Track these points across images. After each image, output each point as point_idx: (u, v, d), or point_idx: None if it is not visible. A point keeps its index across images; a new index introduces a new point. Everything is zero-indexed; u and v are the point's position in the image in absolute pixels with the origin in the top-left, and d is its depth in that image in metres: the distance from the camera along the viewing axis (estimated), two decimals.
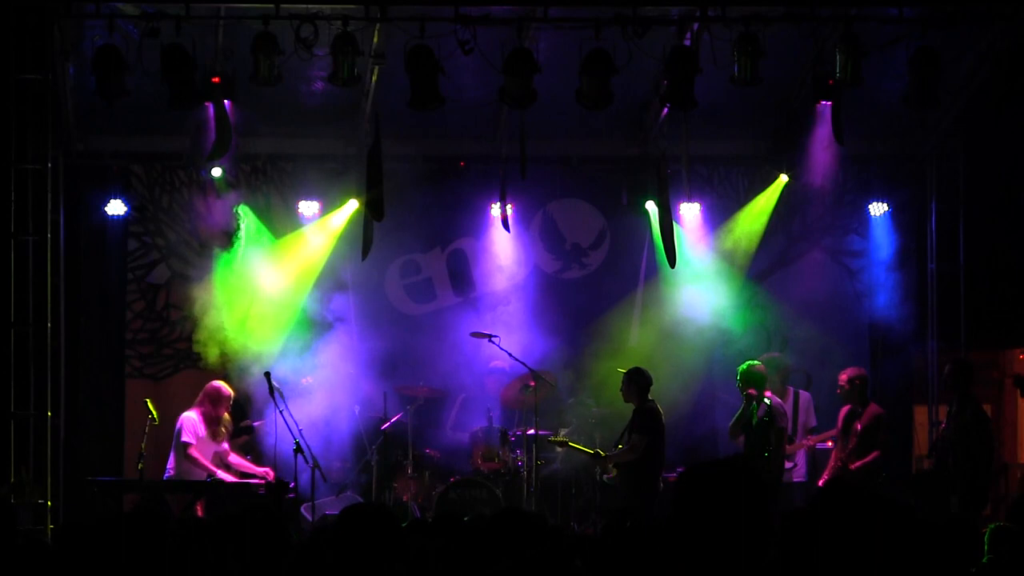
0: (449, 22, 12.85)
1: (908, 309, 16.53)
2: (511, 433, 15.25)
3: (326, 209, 16.10)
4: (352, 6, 13.15)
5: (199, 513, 13.39)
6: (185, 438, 13.66)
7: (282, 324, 15.59)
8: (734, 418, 13.77)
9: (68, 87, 14.44)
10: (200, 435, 13.72)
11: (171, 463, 13.79)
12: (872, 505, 4.17)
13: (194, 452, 13.61)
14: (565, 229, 16.82)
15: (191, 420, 13.75)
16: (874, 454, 13.93)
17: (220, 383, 14.07)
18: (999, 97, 13.75)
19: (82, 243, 15.71)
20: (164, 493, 13.58)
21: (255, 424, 14.83)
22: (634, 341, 16.46)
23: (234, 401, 14.21)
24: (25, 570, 6.07)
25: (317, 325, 15.71)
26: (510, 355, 15.02)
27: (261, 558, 5.68)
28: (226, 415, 13.96)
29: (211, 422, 13.81)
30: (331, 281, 16.10)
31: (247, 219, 15.79)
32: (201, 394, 13.97)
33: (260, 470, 13.89)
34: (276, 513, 6.05)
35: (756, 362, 13.91)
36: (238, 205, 15.74)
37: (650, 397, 13.97)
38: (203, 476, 13.55)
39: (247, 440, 14.94)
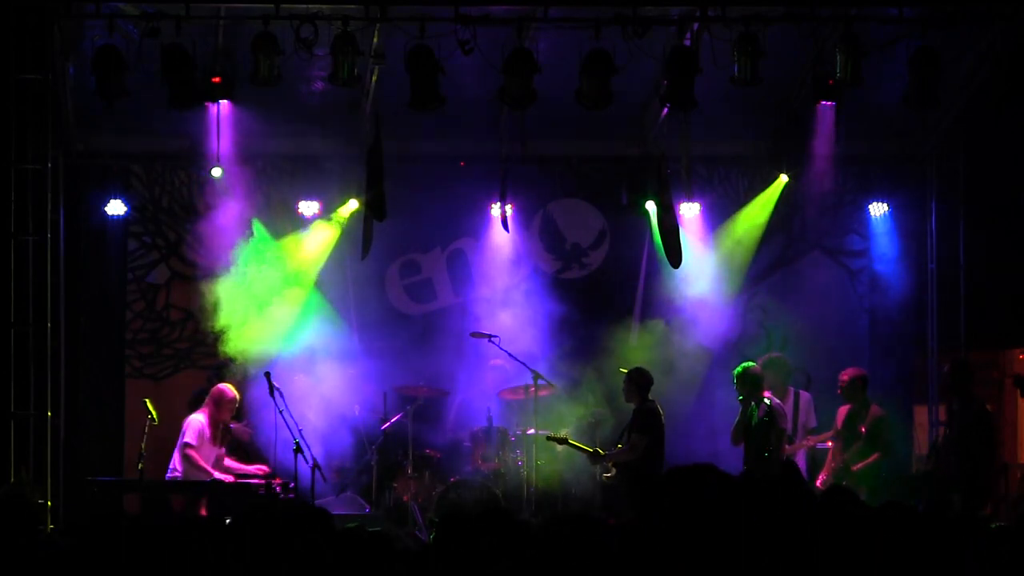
0: (449, 22, 12.86)
1: (908, 309, 16.53)
2: (511, 433, 15.25)
3: (326, 209, 16.09)
4: (352, 6, 13.16)
5: (203, 512, 13.38)
6: (187, 439, 13.65)
7: (283, 325, 15.55)
8: (735, 423, 13.74)
9: (68, 87, 14.43)
10: (206, 437, 13.70)
11: (173, 463, 13.79)
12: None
13: (192, 453, 13.58)
14: (565, 229, 16.81)
15: (198, 422, 13.72)
16: (875, 456, 13.95)
17: (225, 386, 14.00)
18: (999, 97, 13.76)
19: (82, 243, 15.70)
20: (164, 493, 13.58)
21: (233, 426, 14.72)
22: (634, 341, 16.45)
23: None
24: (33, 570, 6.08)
25: (317, 325, 15.69)
26: (510, 355, 15.03)
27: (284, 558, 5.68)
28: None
29: (216, 425, 13.81)
30: (331, 281, 16.09)
31: (255, 230, 15.74)
32: (207, 397, 13.96)
33: (253, 468, 13.89)
34: (314, 511, 6.10)
35: (752, 364, 13.90)
36: (248, 215, 15.69)
37: (650, 397, 13.99)
38: (203, 477, 13.53)
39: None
